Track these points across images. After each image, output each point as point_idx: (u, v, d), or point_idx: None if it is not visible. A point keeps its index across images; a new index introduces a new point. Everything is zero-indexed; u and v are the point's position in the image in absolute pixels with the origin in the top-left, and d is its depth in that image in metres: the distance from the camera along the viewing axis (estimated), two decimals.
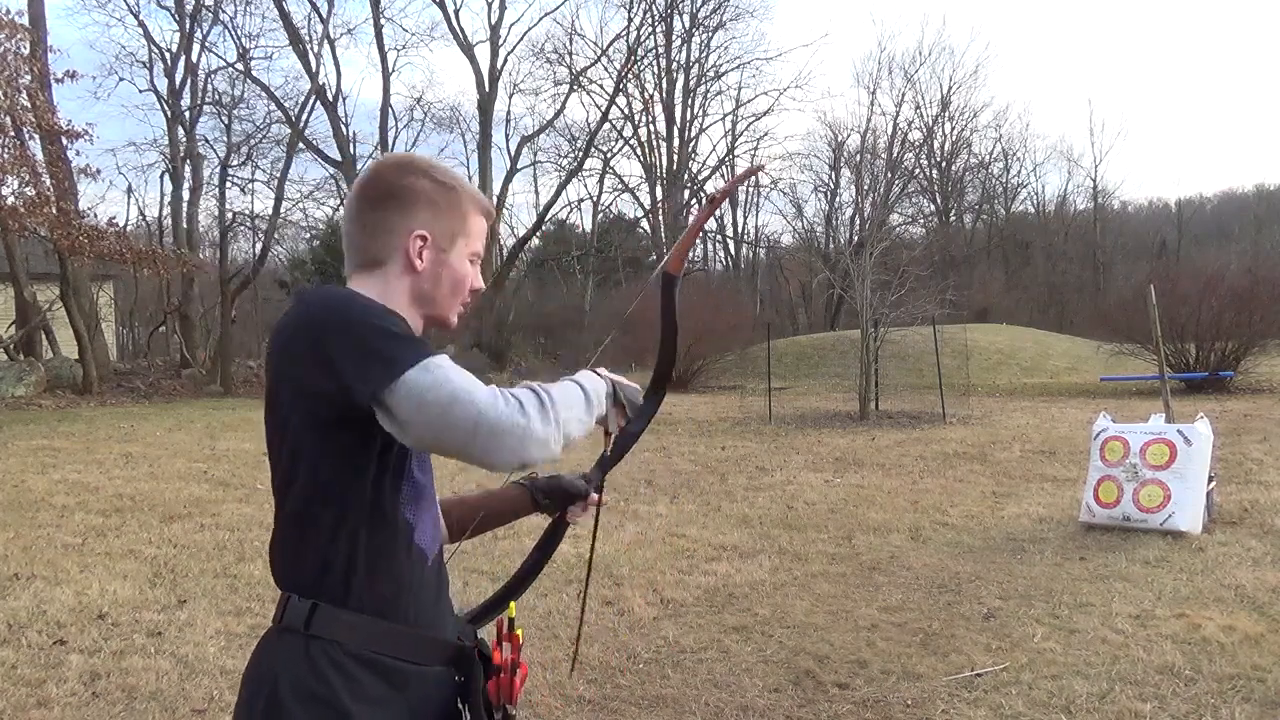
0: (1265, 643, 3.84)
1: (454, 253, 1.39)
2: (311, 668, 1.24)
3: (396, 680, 1.28)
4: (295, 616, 1.26)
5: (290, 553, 1.30)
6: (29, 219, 16.39)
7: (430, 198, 1.37)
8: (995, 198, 43.03)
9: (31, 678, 3.68)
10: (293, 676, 1.24)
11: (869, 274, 14.00)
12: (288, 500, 1.29)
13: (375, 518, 1.26)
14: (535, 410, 1.18)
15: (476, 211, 1.42)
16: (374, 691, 1.25)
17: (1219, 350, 15.63)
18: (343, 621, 1.26)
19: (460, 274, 1.40)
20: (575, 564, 5.36)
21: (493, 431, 1.14)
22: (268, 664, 1.28)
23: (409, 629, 1.30)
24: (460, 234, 1.39)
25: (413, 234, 1.35)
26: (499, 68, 30.74)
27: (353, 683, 1.24)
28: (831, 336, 24.07)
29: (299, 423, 1.25)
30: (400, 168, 1.39)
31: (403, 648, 1.29)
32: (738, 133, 38.43)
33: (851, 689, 3.50)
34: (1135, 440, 5.95)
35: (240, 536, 6.17)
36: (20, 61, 16.72)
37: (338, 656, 1.24)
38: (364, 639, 1.26)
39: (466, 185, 1.43)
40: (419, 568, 1.32)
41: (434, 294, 1.38)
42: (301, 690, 1.23)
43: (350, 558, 1.26)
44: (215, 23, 26.43)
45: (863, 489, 7.73)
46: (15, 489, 8.03)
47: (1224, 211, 47.52)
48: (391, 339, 1.19)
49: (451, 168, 1.48)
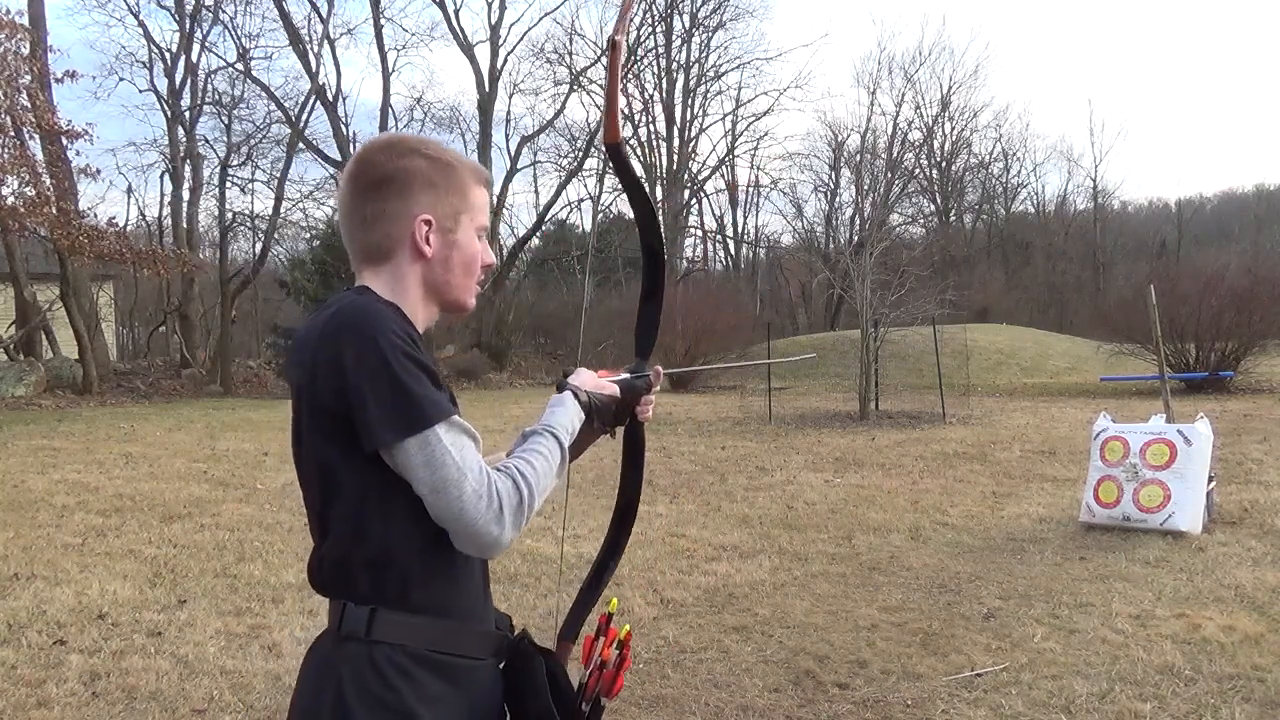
0: (1265, 643, 3.84)
1: (461, 231, 1.34)
2: (376, 673, 1.23)
3: (456, 677, 1.28)
4: (355, 623, 1.24)
5: (341, 562, 1.27)
6: (29, 219, 16.40)
7: (428, 177, 1.31)
8: (995, 198, 43.05)
9: (31, 678, 3.68)
10: (358, 683, 1.22)
11: (869, 274, 14.00)
12: (332, 511, 1.26)
13: (423, 519, 1.23)
14: (510, 518, 1.21)
15: (476, 183, 1.36)
16: (436, 690, 1.25)
17: (1219, 350, 15.63)
18: (403, 624, 1.25)
19: (470, 252, 1.35)
20: (575, 563, 5.36)
21: (466, 532, 1.20)
22: (329, 672, 1.25)
23: (464, 625, 1.31)
24: (464, 210, 1.34)
25: (416, 219, 1.30)
26: (499, 68, 30.75)
27: (416, 684, 1.24)
28: (831, 336, 24.05)
29: (323, 439, 1.23)
30: (391, 149, 1.32)
31: (461, 644, 1.30)
32: (738, 133, 38.43)
33: (851, 689, 3.50)
34: (1135, 440, 5.95)
35: (240, 536, 6.17)
36: (20, 61, 16.72)
37: (400, 660, 1.23)
38: (425, 639, 1.26)
39: (462, 157, 1.37)
40: (467, 563, 1.31)
41: (447, 279, 1.34)
42: (368, 696, 1.22)
43: (405, 562, 1.25)
44: (215, 23, 26.44)
45: (863, 489, 7.73)
46: (15, 489, 8.03)
47: (1224, 211, 47.51)
48: (407, 396, 1.18)
49: (441, 141, 1.42)
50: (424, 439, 1.18)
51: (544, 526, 6.37)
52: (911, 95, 40.64)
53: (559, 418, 1.37)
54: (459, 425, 1.22)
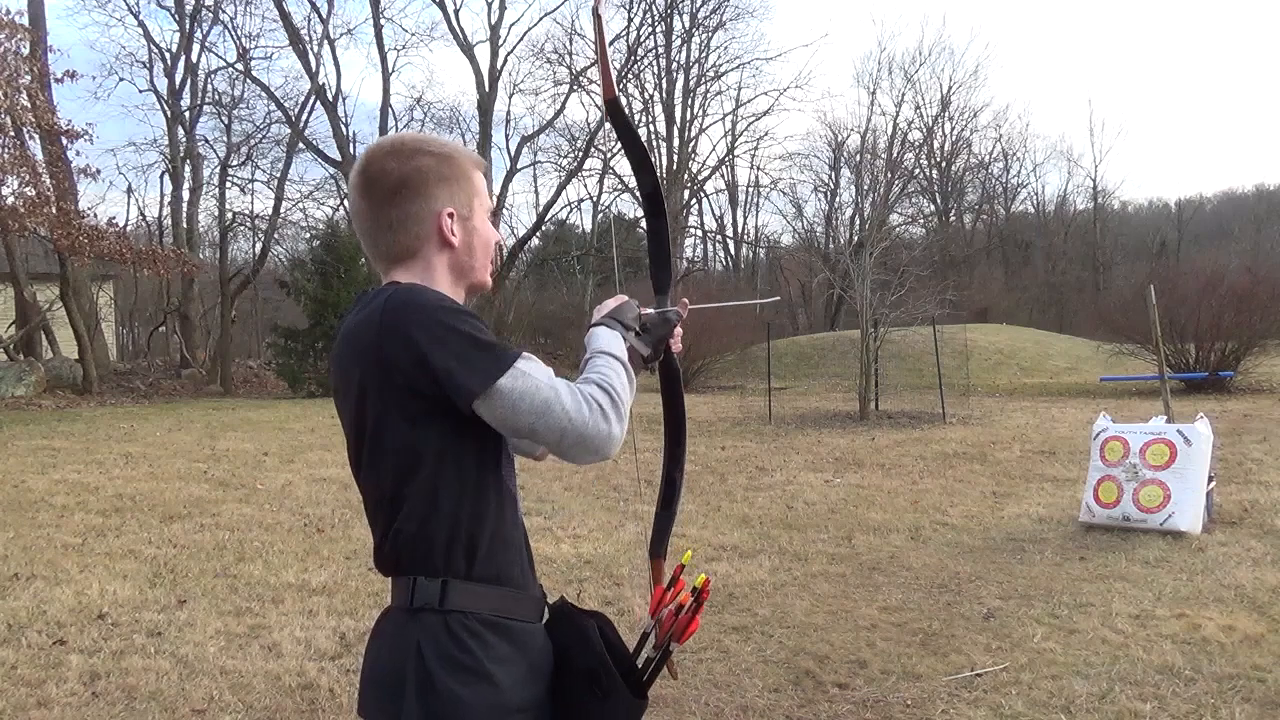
0: (1265, 643, 3.84)
1: (476, 216, 1.43)
2: (454, 639, 1.30)
3: (517, 639, 1.36)
4: (428, 596, 1.32)
5: (416, 537, 1.33)
6: (29, 219, 16.39)
7: (440, 173, 1.39)
8: (995, 198, 43.05)
9: (31, 678, 3.68)
10: (438, 650, 1.30)
11: (869, 274, 14.00)
12: (407, 490, 1.31)
13: (489, 493, 1.34)
14: (613, 414, 1.29)
15: (476, 168, 1.45)
16: (504, 652, 1.33)
17: (1219, 350, 15.63)
18: (471, 592, 1.33)
19: (487, 234, 1.46)
20: (575, 564, 5.37)
21: (580, 439, 1.27)
22: (407, 643, 1.32)
23: (519, 591, 1.39)
24: (475, 195, 1.43)
25: (441, 214, 1.39)
26: (499, 68, 30.76)
27: (488, 647, 1.32)
28: (831, 336, 24.07)
29: (404, 419, 1.30)
30: (397, 154, 1.39)
31: (518, 609, 1.38)
32: (738, 133, 38.43)
33: (851, 689, 3.50)
34: (1135, 440, 5.95)
35: (240, 536, 6.17)
36: (20, 61, 16.71)
37: (473, 625, 1.32)
38: (489, 606, 1.34)
39: (459, 147, 1.46)
40: (521, 532, 1.42)
41: (471, 263, 1.44)
42: (449, 661, 1.30)
43: (474, 533, 1.33)
44: (215, 23, 26.47)
45: (863, 489, 7.73)
46: (15, 489, 8.03)
47: (1224, 211, 47.50)
48: (482, 347, 1.26)
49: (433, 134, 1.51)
50: (513, 375, 1.26)
51: (544, 527, 6.37)
52: (911, 95, 40.69)
53: (596, 343, 1.43)
54: (532, 358, 1.31)
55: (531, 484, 8.10)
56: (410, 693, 1.29)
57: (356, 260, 21.85)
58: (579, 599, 4.67)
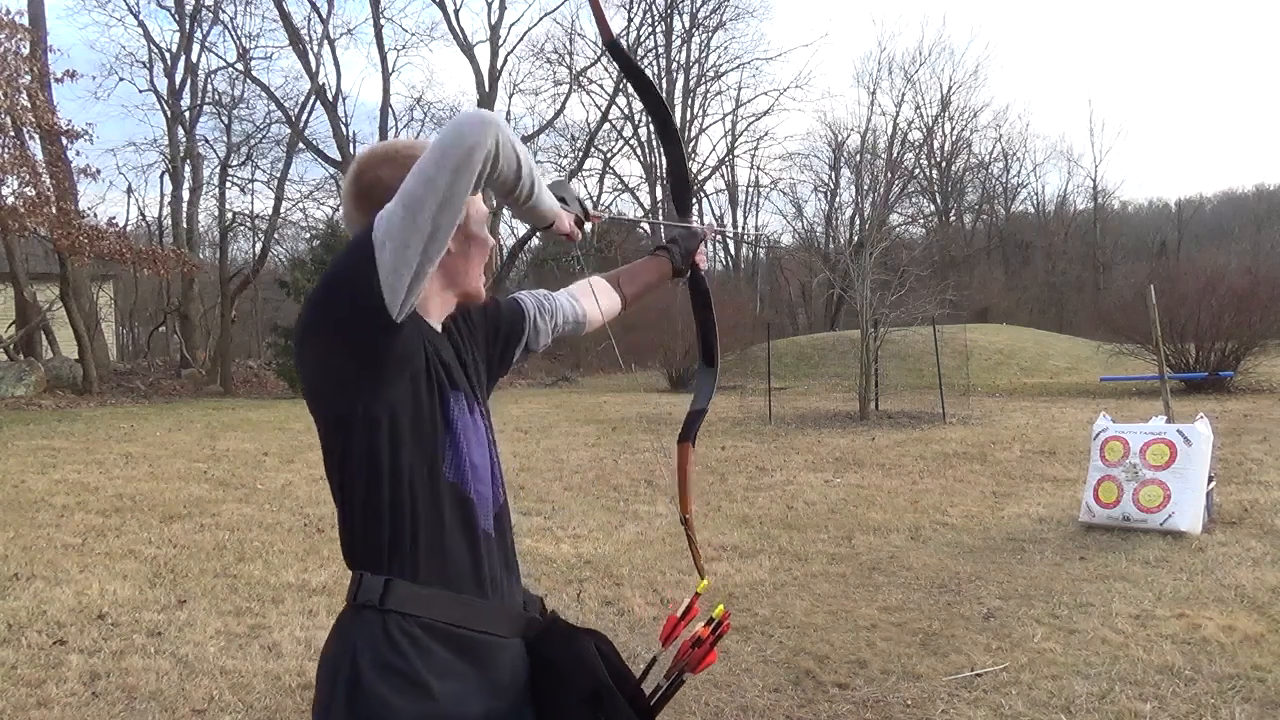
0: (1265, 643, 3.84)
1: (472, 222, 1.40)
2: (389, 641, 1.26)
3: (474, 651, 1.31)
4: (370, 593, 1.29)
5: (357, 533, 1.32)
6: (29, 219, 16.39)
7: None
8: (995, 198, 43.06)
9: (31, 678, 3.68)
10: (372, 650, 1.26)
11: (869, 274, 13.99)
12: (335, 481, 1.32)
13: (423, 492, 1.29)
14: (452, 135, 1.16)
15: None
16: (449, 662, 1.28)
17: (1219, 350, 15.62)
18: (415, 595, 1.28)
19: (481, 238, 1.42)
20: (575, 564, 5.37)
21: (441, 158, 1.15)
22: (346, 640, 1.30)
23: (482, 600, 1.33)
24: (470, 203, 1.38)
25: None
26: (499, 68, 30.76)
27: (428, 655, 1.27)
28: (831, 336, 24.06)
29: (317, 413, 1.31)
30: (392, 162, 1.35)
31: (478, 619, 1.32)
32: (738, 133, 38.48)
33: (851, 689, 3.50)
34: (1135, 440, 5.95)
35: (240, 536, 6.17)
36: (20, 61, 16.72)
37: (413, 630, 1.27)
38: (438, 612, 1.29)
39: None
40: (483, 537, 1.35)
41: (465, 269, 1.41)
42: (380, 663, 1.26)
43: (412, 533, 1.29)
44: (215, 23, 26.48)
45: (863, 489, 7.73)
46: (15, 489, 8.03)
47: (1224, 211, 47.50)
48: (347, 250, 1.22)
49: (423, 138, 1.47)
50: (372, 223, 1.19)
51: (544, 526, 6.37)
52: (911, 95, 40.69)
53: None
54: None
55: (531, 484, 8.10)
56: (339, 692, 1.27)
57: None
58: (579, 599, 4.67)
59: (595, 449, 10.48)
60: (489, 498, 1.39)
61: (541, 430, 12.09)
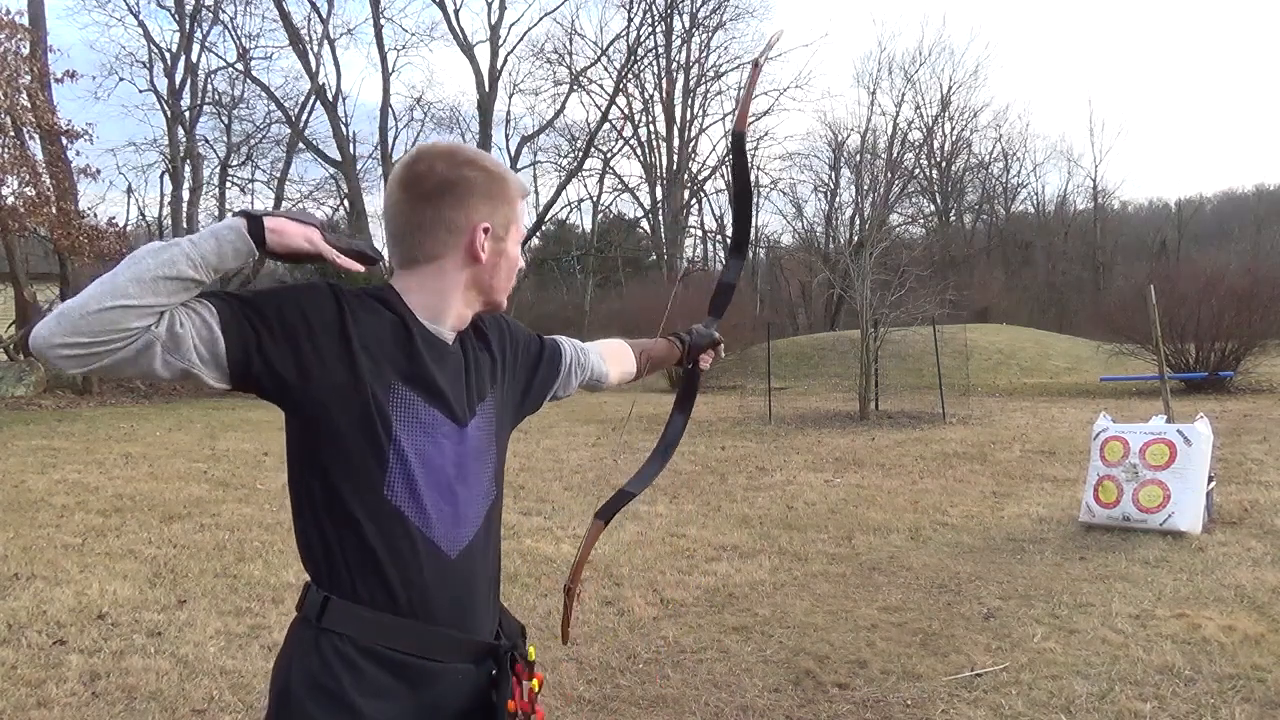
0: (1265, 643, 3.84)
1: (509, 240, 1.41)
2: (321, 660, 1.26)
3: (408, 675, 1.29)
4: (310, 608, 1.29)
5: (303, 545, 1.32)
6: (29, 219, 16.41)
7: (486, 189, 1.36)
8: (995, 198, 43.09)
9: (31, 678, 3.68)
10: (303, 667, 1.27)
11: (869, 274, 14.00)
12: (292, 496, 1.32)
13: (358, 511, 1.26)
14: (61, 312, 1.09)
15: (520, 196, 1.44)
16: (382, 685, 1.27)
17: (1219, 350, 15.63)
18: (352, 615, 1.27)
19: (514, 258, 1.43)
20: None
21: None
22: (286, 653, 1.31)
23: (423, 625, 1.30)
24: (513, 220, 1.41)
25: (476, 227, 1.35)
26: (499, 68, 30.79)
27: (359, 676, 1.26)
28: (831, 336, 24.06)
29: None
30: (451, 159, 1.36)
31: (416, 644, 1.30)
32: None
33: (851, 689, 3.50)
34: (1135, 440, 5.95)
35: (240, 536, 6.17)
36: (20, 61, 16.72)
37: (346, 650, 1.26)
38: (373, 633, 1.28)
39: (509, 171, 1.45)
40: (432, 562, 1.31)
41: (493, 282, 1.41)
42: (309, 681, 1.26)
43: (348, 553, 1.27)
44: (215, 23, 26.51)
45: (863, 489, 7.73)
46: (15, 489, 8.03)
47: (1224, 211, 47.55)
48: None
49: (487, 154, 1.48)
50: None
51: (544, 526, 6.37)
52: (911, 95, 40.74)
53: (200, 243, 1.17)
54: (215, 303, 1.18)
55: (531, 484, 8.10)
56: (273, 702, 1.29)
57: None
58: (579, 599, 4.67)
59: (595, 449, 10.48)
60: (452, 523, 1.33)
61: (541, 430, 12.09)
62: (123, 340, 1.10)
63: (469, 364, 1.41)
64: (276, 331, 1.21)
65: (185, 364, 1.14)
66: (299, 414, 1.26)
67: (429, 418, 1.32)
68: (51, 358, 1.09)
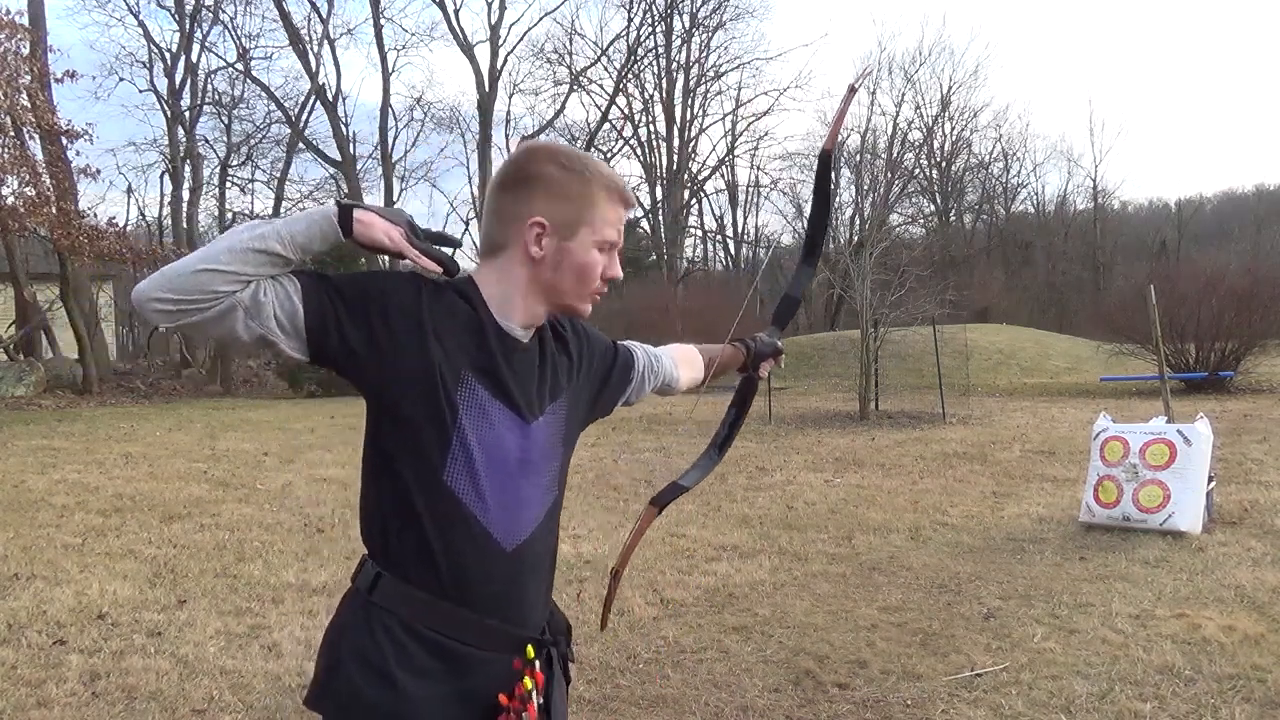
0: (1265, 643, 3.84)
1: (577, 240, 1.36)
2: (369, 632, 1.30)
3: (450, 660, 1.31)
4: (364, 580, 1.34)
5: (364, 518, 1.36)
6: (29, 219, 16.40)
7: (553, 185, 1.34)
8: (995, 198, 43.06)
9: (31, 678, 3.68)
10: (353, 637, 1.31)
11: (869, 274, 13.99)
12: (363, 465, 1.36)
13: (415, 495, 1.29)
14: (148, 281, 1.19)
15: (610, 200, 1.38)
16: (424, 665, 1.30)
17: (1219, 350, 15.62)
18: (402, 594, 1.31)
19: (583, 262, 1.37)
20: (575, 564, 5.36)
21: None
22: (338, 623, 1.36)
23: (465, 611, 1.32)
24: (585, 222, 1.36)
25: (529, 221, 1.34)
26: (499, 68, 30.79)
27: (403, 652, 1.29)
28: (831, 336, 24.06)
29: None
30: (531, 153, 1.38)
31: (464, 631, 1.33)
32: (737, 133, 38.48)
33: (851, 689, 3.50)
34: (1135, 440, 5.95)
35: (240, 536, 6.17)
36: (20, 61, 16.72)
37: (392, 625, 1.30)
38: (421, 615, 1.30)
39: (601, 171, 1.39)
40: (485, 551, 1.33)
41: (557, 283, 1.37)
42: (358, 652, 1.30)
43: (404, 533, 1.31)
44: (215, 23, 26.52)
45: (863, 489, 7.73)
46: (15, 489, 8.03)
47: (1224, 211, 47.55)
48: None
49: (589, 155, 1.45)
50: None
51: None
52: (911, 95, 40.71)
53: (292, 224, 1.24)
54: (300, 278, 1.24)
55: None
56: (322, 665, 1.34)
57: (356, 260, 21.82)
58: (579, 599, 4.67)
59: (595, 449, 10.48)
60: (512, 516, 1.35)
61: None
62: (209, 301, 1.16)
63: (545, 363, 1.42)
64: (356, 310, 1.26)
65: (264, 330, 1.20)
66: (371, 392, 1.30)
67: (495, 410, 1.34)
68: (146, 311, 1.17)
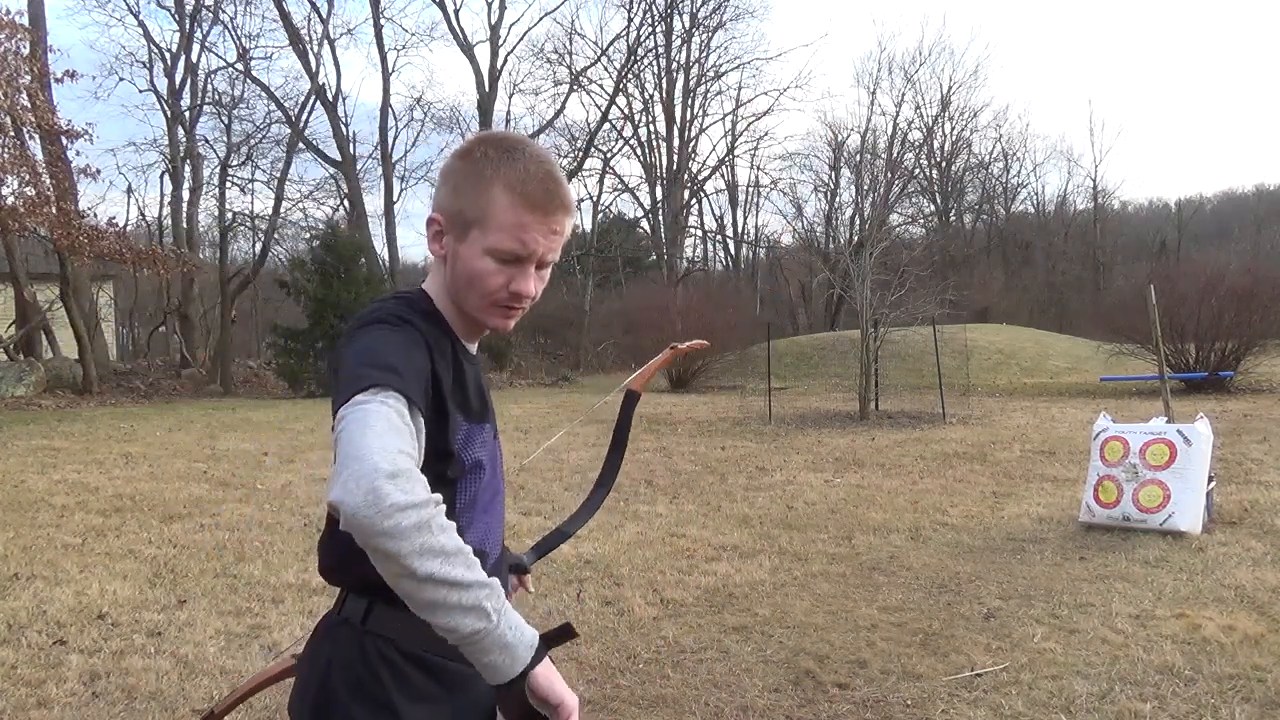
0: (1265, 643, 3.84)
1: (466, 244, 1.23)
2: (365, 663, 1.25)
3: (448, 680, 1.28)
4: (353, 611, 1.27)
5: (341, 553, 1.24)
6: (29, 219, 16.39)
7: (451, 177, 1.24)
8: (995, 198, 43.08)
9: (31, 678, 3.68)
10: (346, 669, 1.25)
11: (869, 274, 13.99)
12: None
13: None
14: (405, 525, 0.98)
15: (512, 200, 1.21)
16: (423, 689, 1.26)
17: (1219, 350, 15.62)
18: (396, 620, 1.23)
19: (469, 269, 1.23)
20: (575, 564, 5.37)
21: (346, 520, 0.99)
22: (325, 654, 1.28)
23: None
24: (474, 223, 1.22)
25: (429, 216, 1.27)
26: (499, 68, 30.79)
27: (403, 679, 1.25)
28: (831, 336, 24.05)
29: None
30: (465, 143, 1.27)
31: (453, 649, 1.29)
32: (738, 133, 38.48)
33: (851, 689, 3.50)
34: (1135, 440, 5.95)
35: (240, 536, 6.17)
36: (20, 61, 16.70)
37: (390, 654, 1.25)
38: (416, 638, 1.25)
39: (513, 167, 1.22)
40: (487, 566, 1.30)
41: (456, 290, 1.26)
42: (353, 683, 1.24)
43: None
44: (215, 23, 26.51)
45: (863, 489, 7.73)
46: (15, 489, 8.03)
47: (1224, 211, 47.60)
48: (362, 367, 1.11)
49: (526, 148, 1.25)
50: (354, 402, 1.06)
51: (544, 527, 6.36)
52: (911, 95, 40.77)
53: (514, 618, 1.12)
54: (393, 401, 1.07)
55: (531, 484, 8.10)
56: (307, 710, 1.26)
57: (356, 260, 21.86)
58: (579, 599, 4.67)
59: (596, 449, 10.48)
60: (496, 527, 1.35)
61: (541, 430, 12.10)
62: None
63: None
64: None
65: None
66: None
67: (482, 434, 1.30)
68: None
